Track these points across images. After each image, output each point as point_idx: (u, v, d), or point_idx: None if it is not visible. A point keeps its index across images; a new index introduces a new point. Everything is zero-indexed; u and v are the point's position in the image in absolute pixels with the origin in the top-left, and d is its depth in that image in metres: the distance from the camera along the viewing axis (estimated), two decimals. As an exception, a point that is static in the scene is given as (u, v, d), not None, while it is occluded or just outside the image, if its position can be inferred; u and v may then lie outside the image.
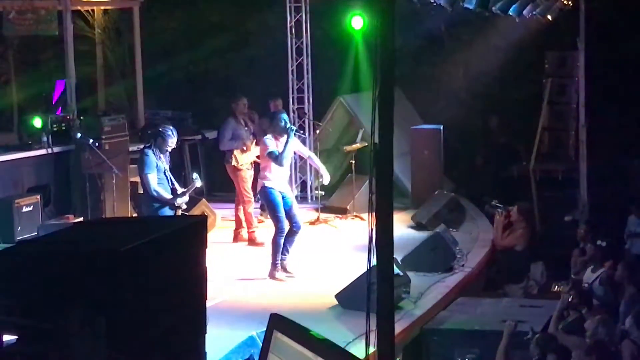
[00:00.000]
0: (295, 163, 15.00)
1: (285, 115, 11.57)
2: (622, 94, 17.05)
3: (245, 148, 12.95)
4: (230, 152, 12.94)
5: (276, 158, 11.02)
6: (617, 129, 16.70)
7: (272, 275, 11.03)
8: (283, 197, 11.11)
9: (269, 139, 11.14)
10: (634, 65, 17.18)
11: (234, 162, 12.91)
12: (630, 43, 17.25)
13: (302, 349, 2.27)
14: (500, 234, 13.34)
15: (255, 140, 13.06)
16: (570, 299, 9.78)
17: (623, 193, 14.78)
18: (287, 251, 11.16)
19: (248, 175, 13.05)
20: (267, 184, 11.07)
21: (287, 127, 11.27)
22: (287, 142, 11.12)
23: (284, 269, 11.11)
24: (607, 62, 16.74)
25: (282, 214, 11.07)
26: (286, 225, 11.05)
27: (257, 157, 13.04)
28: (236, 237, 13.14)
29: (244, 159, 12.93)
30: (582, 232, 12.51)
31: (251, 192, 13.04)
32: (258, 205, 13.67)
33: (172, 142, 10.64)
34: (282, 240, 11.01)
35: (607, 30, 16.69)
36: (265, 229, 13.15)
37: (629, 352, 7.88)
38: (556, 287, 12.09)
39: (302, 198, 15.36)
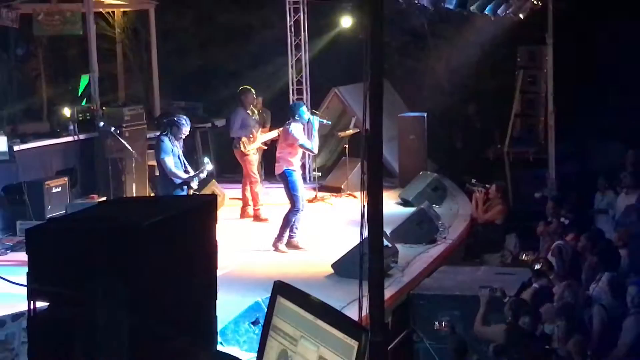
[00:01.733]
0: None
1: (304, 107, 11.61)
2: (586, 83, 17.08)
3: (252, 136, 12.93)
4: (239, 139, 12.93)
5: (311, 148, 11.29)
6: (582, 115, 16.73)
7: (275, 247, 11.05)
8: None
9: (299, 130, 11.13)
10: (596, 57, 17.22)
11: (241, 148, 12.90)
12: (592, 38, 17.29)
13: (303, 311, 2.28)
14: (480, 209, 13.39)
15: (260, 129, 13.14)
16: (539, 267, 9.81)
17: (587, 172, 14.80)
18: (297, 228, 11.18)
19: (254, 159, 13.07)
20: (290, 167, 11.10)
21: (312, 117, 11.41)
22: (314, 129, 11.34)
23: (295, 246, 11.12)
24: (572, 55, 16.75)
25: (301, 194, 11.12)
26: (302, 205, 11.11)
27: (268, 141, 13.08)
28: (243, 214, 13.16)
29: (250, 146, 12.93)
30: (551, 207, 12.53)
31: (257, 173, 13.10)
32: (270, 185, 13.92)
33: (185, 130, 10.71)
34: (294, 218, 11.03)
35: (572, 27, 16.68)
36: (269, 207, 13.20)
37: (599, 317, 7.90)
38: (524, 255, 12.17)
39: (301, 179, 15.41)
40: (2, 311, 6.48)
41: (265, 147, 13.46)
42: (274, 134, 12.84)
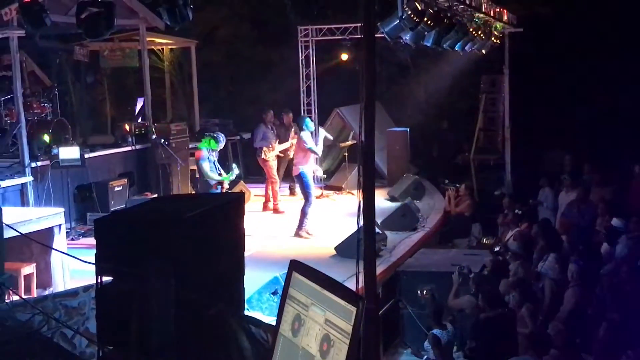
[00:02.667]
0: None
1: (308, 118, 11.63)
2: (535, 105, 17.11)
3: (270, 147, 12.94)
4: (261, 149, 12.94)
5: (316, 151, 11.17)
6: (531, 130, 16.76)
7: (297, 234, 11.03)
8: None
9: (308, 138, 11.11)
10: (542, 85, 17.26)
11: (263, 156, 12.91)
12: (539, 70, 17.32)
13: (312, 284, 2.27)
14: (452, 204, 13.38)
15: (278, 140, 13.12)
16: (498, 249, 9.79)
17: (536, 175, 14.80)
18: (307, 219, 11.17)
19: (274, 164, 13.06)
20: (304, 169, 11.06)
21: (320, 129, 11.44)
22: (319, 138, 11.29)
23: (307, 232, 11.11)
24: (524, 82, 16.77)
25: (313, 191, 11.11)
26: (314, 200, 11.09)
27: (283, 152, 13.07)
28: (264, 208, 13.15)
29: (270, 155, 12.94)
30: (506, 202, 12.52)
31: (277, 175, 13.10)
32: (287, 186, 13.93)
33: (222, 144, 10.75)
34: (308, 210, 11.00)
35: (524, 61, 16.71)
36: (286, 202, 13.20)
37: (549, 288, 7.88)
38: (485, 239, 12.15)
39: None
40: (75, 284, 6.51)
41: (282, 155, 13.46)
42: (287, 145, 12.88)
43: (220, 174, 10.62)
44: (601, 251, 9.03)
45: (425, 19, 10.34)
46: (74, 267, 7.97)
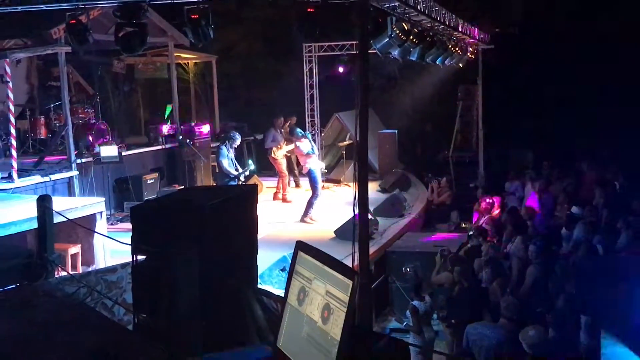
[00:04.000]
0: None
1: (298, 129, 11.59)
2: (504, 111, 17.11)
3: (279, 147, 12.96)
4: (271, 149, 12.97)
5: (312, 152, 11.08)
6: (501, 132, 16.77)
7: (302, 220, 11.04)
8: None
9: (302, 145, 11.09)
10: (510, 94, 17.26)
11: (273, 155, 12.95)
12: (508, 81, 17.33)
13: (315, 261, 2.28)
14: (436, 195, 13.38)
15: (286, 142, 13.11)
16: (472, 233, 9.77)
17: (504, 170, 14.79)
18: (312, 208, 11.18)
19: (283, 162, 13.08)
20: (312, 167, 11.05)
21: (305, 133, 11.38)
22: (310, 140, 11.19)
23: (310, 218, 11.10)
24: (494, 92, 16.77)
25: (320, 185, 11.09)
26: (320, 193, 11.09)
27: (289, 152, 13.07)
28: (275, 197, 13.16)
29: (279, 154, 12.96)
30: (481, 193, 12.50)
31: (286, 171, 13.13)
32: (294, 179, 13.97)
33: (237, 142, 10.78)
34: (314, 202, 11.00)
35: (494, 73, 16.71)
36: (292, 193, 13.18)
37: (517, 266, 7.86)
38: (462, 224, 12.14)
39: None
40: (114, 261, 6.51)
41: (289, 155, 13.47)
42: (292, 146, 12.93)
43: (237, 169, 10.62)
44: (561, 234, 9.02)
45: (411, 37, 10.34)
46: (113, 248, 7.98)
